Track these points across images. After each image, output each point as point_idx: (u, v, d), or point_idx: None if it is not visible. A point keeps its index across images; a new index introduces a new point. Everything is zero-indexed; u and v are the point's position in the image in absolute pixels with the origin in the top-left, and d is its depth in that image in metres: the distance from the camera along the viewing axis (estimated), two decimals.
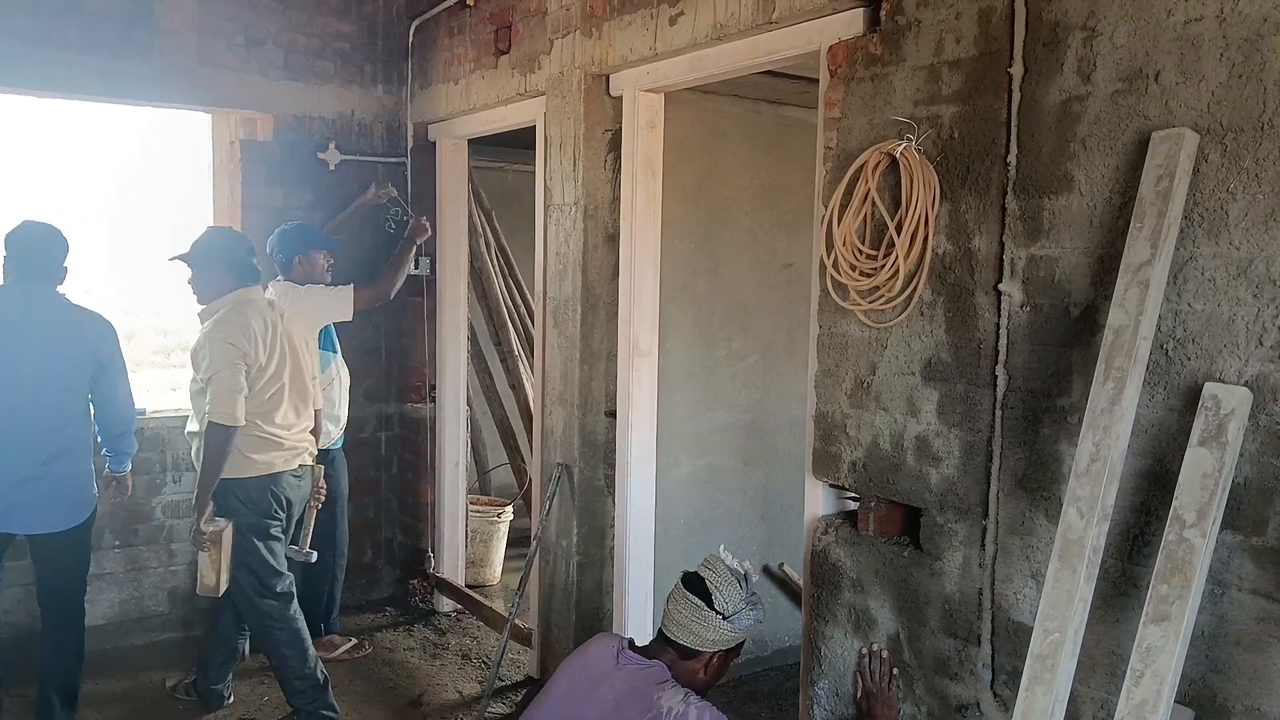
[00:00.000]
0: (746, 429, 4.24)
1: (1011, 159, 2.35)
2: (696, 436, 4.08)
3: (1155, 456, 2.12)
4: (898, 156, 2.52)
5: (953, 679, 2.54)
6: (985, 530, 2.45)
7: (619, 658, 2.28)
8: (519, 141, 4.58)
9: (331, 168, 4.81)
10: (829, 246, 2.73)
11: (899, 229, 2.53)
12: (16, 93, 4.26)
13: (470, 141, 4.94)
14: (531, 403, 5.09)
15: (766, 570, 4.33)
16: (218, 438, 3.39)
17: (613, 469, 3.82)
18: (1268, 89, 1.92)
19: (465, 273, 5.11)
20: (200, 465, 3.49)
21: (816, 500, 2.96)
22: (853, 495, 2.87)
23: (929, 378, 2.56)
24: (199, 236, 3.66)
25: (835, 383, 2.81)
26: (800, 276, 4.13)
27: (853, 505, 2.89)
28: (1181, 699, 2.02)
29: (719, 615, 2.26)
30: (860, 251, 2.66)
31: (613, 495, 3.84)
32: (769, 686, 4.17)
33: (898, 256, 2.54)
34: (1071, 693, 2.11)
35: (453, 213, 4.97)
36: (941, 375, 2.53)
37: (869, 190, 2.62)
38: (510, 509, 5.58)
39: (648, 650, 2.32)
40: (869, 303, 2.66)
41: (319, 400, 3.92)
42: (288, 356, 3.64)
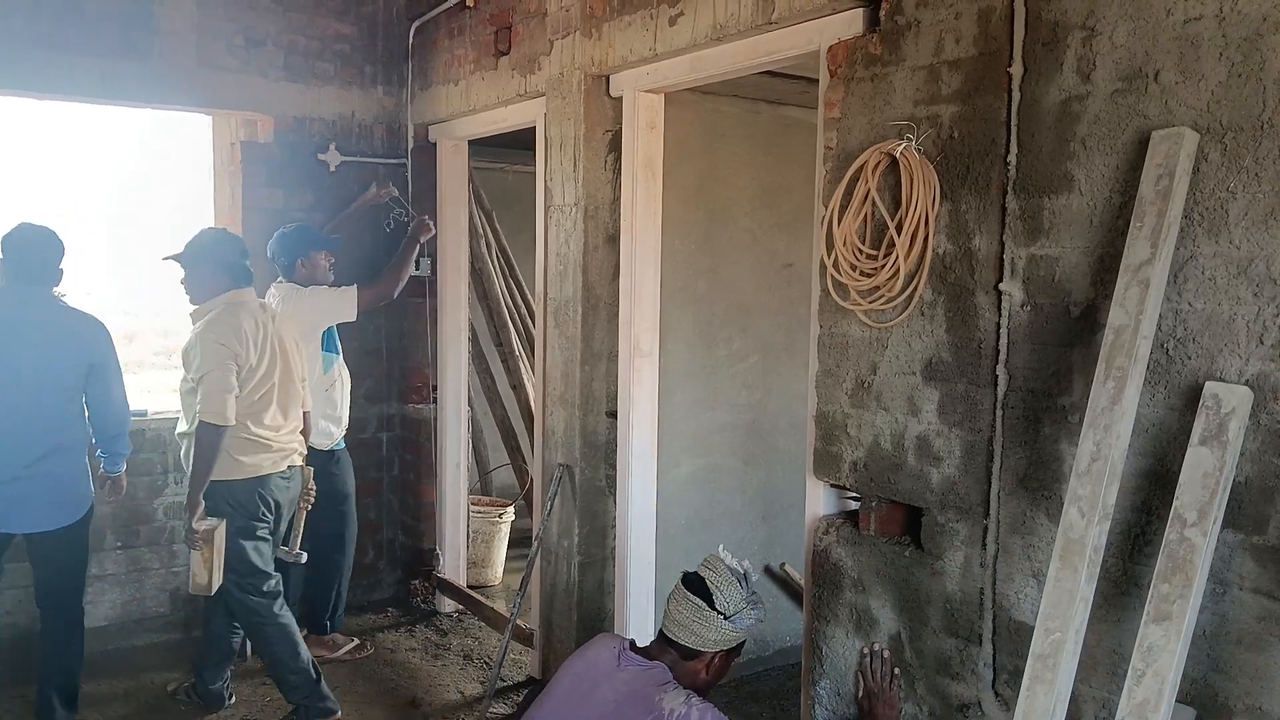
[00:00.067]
0: (747, 429, 4.24)
1: (1011, 159, 2.35)
2: (697, 436, 4.08)
3: (1156, 456, 2.12)
4: (898, 156, 2.53)
5: (954, 678, 2.54)
6: (986, 530, 2.45)
7: (620, 659, 2.28)
8: (519, 142, 4.58)
9: (332, 169, 4.81)
10: (829, 246, 2.73)
11: (899, 229, 2.53)
12: (17, 94, 4.27)
13: (470, 142, 4.94)
14: (533, 403, 5.09)
15: (768, 570, 4.34)
16: (209, 437, 3.43)
17: (614, 469, 3.82)
18: (1267, 88, 1.93)
19: (466, 273, 5.11)
20: (191, 465, 3.52)
21: (818, 500, 2.96)
22: (854, 495, 2.87)
23: (930, 377, 2.57)
24: (193, 237, 3.70)
25: (836, 382, 2.82)
26: (800, 276, 4.13)
27: (854, 505, 2.89)
28: (1183, 698, 2.02)
29: (720, 615, 2.26)
30: (860, 251, 2.66)
31: (614, 495, 3.84)
32: (771, 686, 4.18)
33: (898, 256, 2.54)
34: (1073, 692, 2.12)
35: (453, 214, 4.97)
36: (942, 375, 2.54)
37: (869, 190, 2.62)
38: (512, 509, 5.58)
39: (649, 651, 2.32)
40: (869, 302, 2.66)
41: (308, 402, 3.95)
42: (278, 358, 3.68)
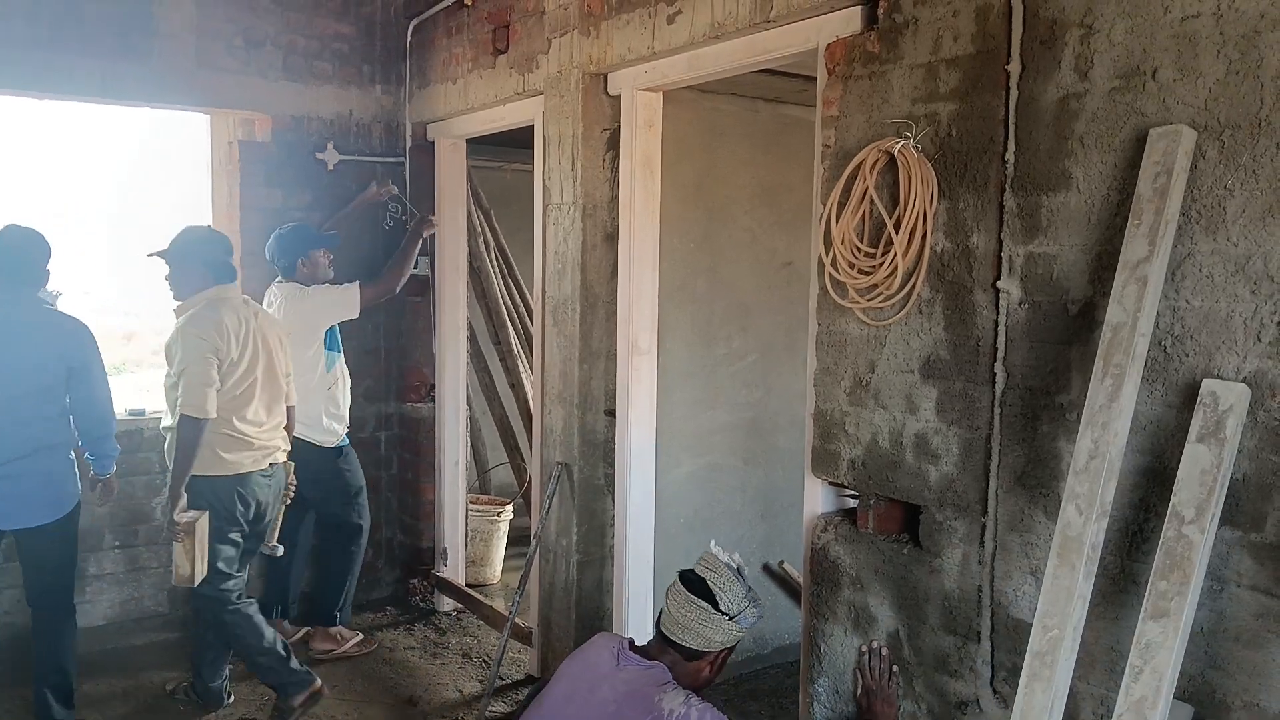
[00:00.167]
0: (746, 427, 4.24)
1: (1009, 156, 2.35)
2: (696, 435, 4.08)
3: (1154, 453, 2.12)
4: (896, 154, 2.53)
5: (952, 676, 2.54)
6: (984, 527, 2.45)
7: (619, 659, 2.28)
8: (517, 141, 4.58)
9: (330, 168, 4.81)
10: (827, 245, 2.73)
11: (897, 227, 2.53)
12: (17, 95, 4.27)
13: (469, 141, 4.94)
14: (531, 402, 5.09)
15: (766, 568, 4.34)
16: (189, 430, 3.48)
17: (612, 468, 3.83)
18: (1265, 85, 1.93)
19: (464, 272, 5.11)
20: (172, 458, 3.55)
21: (816, 498, 2.96)
22: (852, 493, 2.87)
23: (928, 375, 2.57)
24: (177, 234, 3.74)
25: (834, 381, 2.82)
26: (799, 275, 4.13)
27: (852, 503, 2.90)
28: (1181, 695, 2.03)
29: (725, 617, 2.25)
30: (859, 249, 2.66)
31: (612, 494, 3.84)
32: (769, 684, 4.18)
33: (896, 254, 2.54)
34: (1071, 689, 2.12)
35: (451, 212, 4.97)
36: (940, 373, 2.54)
37: (867, 188, 2.63)
38: (510, 508, 5.58)
39: (647, 651, 2.31)
40: (868, 301, 2.66)
41: (293, 397, 3.99)
42: (260, 353, 3.72)
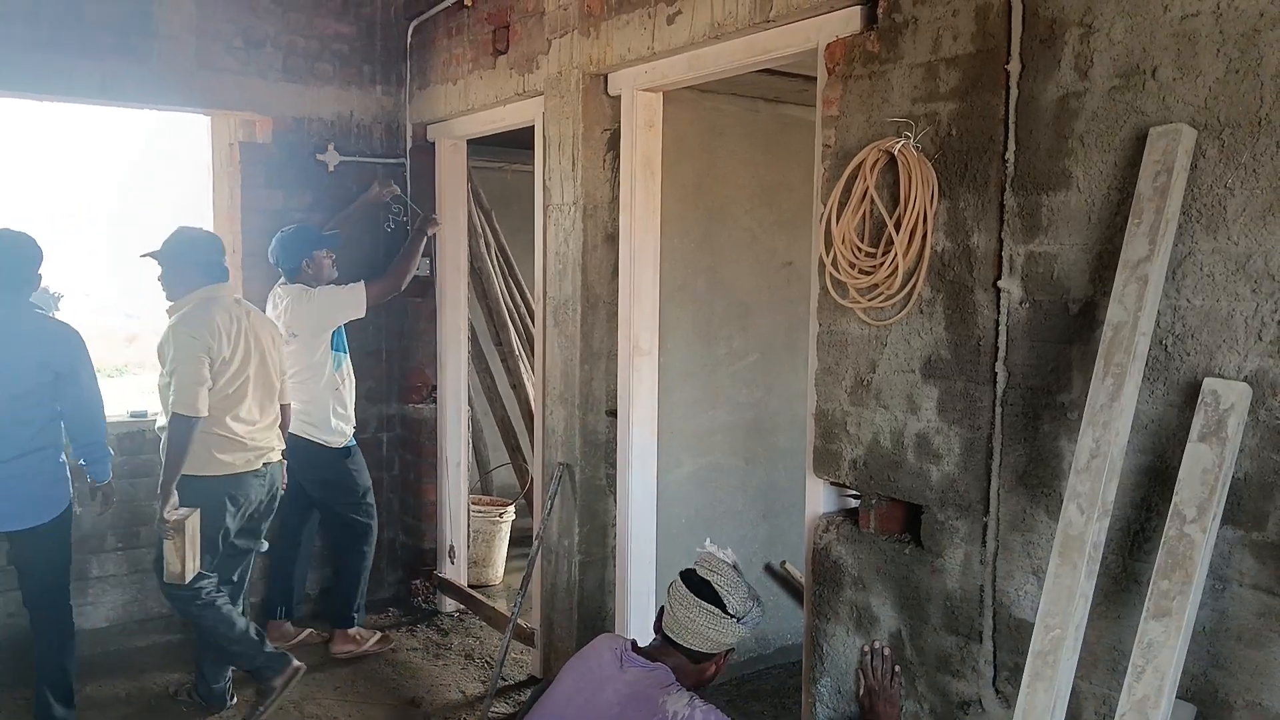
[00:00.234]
0: (747, 427, 4.24)
1: (1010, 156, 2.35)
2: (697, 435, 4.08)
3: (1155, 452, 2.12)
4: (896, 154, 2.53)
5: (955, 676, 2.54)
6: (986, 527, 2.45)
7: (622, 660, 2.28)
8: (518, 141, 4.58)
9: (331, 169, 4.81)
10: (828, 244, 2.73)
11: (898, 226, 2.53)
12: (17, 96, 4.28)
13: (469, 142, 4.94)
14: (532, 402, 5.09)
15: (769, 568, 4.34)
16: (181, 428, 3.52)
17: (614, 468, 3.83)
18: (1265, 84, 1.92)
19: (465, 273, 5.11)
20: (164, 456, 3.58)
21: (817, 498, 2.96)
22: (854, 493, 2.87)
23: (929, 375, 2.57)
24: (170, 235, 3.76)
25: (835, 380, 2.82)
26: (800, 275, 4.13)
27: (854, 503, 2.89)
28: (1183, 694, 2.03)
29: (733, 619, 2.25)
30: (859, 249, 2.66)
31: (614, 494, 3.84)
32: (772, 684, 4.18)
33: (897, 254, 2.54)
34: (1073, 689, 2.12)
35: (452, 213, 4.97)
36: (941, 372, 2.54)
37: (867, 188, 2.62)
38: (512, 509, 5.58)
39: (651, 653, 2.31)
40: (868, 300, 2.66)
41: (287, 395, 4.03)
42: (253, 352, 3.75)
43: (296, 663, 3.82)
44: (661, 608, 2.37)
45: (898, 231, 2.53)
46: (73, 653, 3.64)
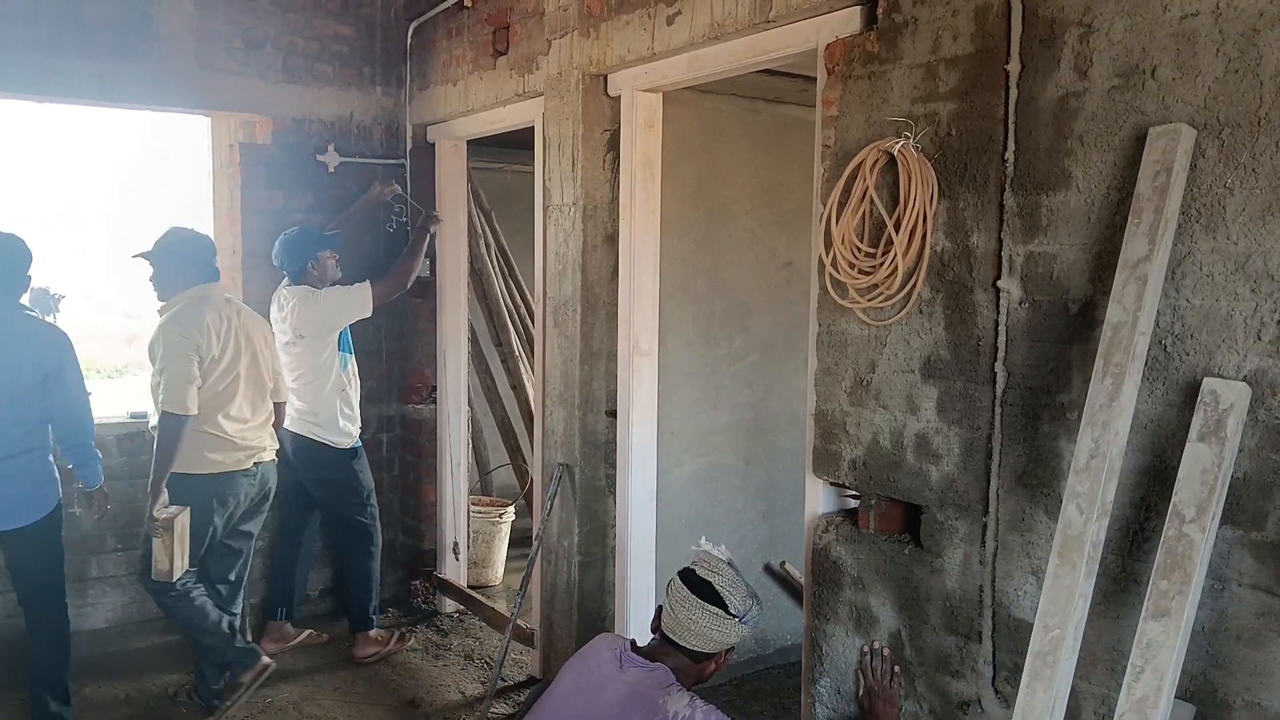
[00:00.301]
0: (747, 428, 4.24)
1: (1009, 156, 2.35)
2: (697, 435, 4.08)
3: (1154, 452, 2.12)
4: (895, 154, 2.53)
5: (954, 676, 2.54)
6: (985, 527, 2.45)
7: (622, 660, 2.28)
8: (518, 142, 4.58)
9: (331, 170, 4.81)
10: (828, 245, 2.73)
11: (897, 227, 2.53)
12: (17, 97, 4.27)
13: (469, 142, 4.94)
14: (532, 403, 5.09)
15: (768, 569, 4.34)
16: (170, 426, 3.56)
17: (614, 468, 3.83)
18: (1264, 83, 1.93)
19: (465, 274, 5.11)
20: (154, 454, 3.60)
21: (817, 498, 2.96)
22: (853, 493, 2.87)
23: (928, 375, 2.57)
24: (161, 235, 3.80)
25: (835, 381, 2.82)
26: (800, 275, 4.13)
27: (853, 503, 2.89)
28: (1182, 694, 2.03)
29: (735, 619, 2.25)
30: (859, 249, 2.66)
31: (614, 495, 3.84)
32: (771, 685, 4.18)
33: (896, 254, 2.54)
34: (1072, 689, 2.12)
35: (452, 214, 4.97)
36: (941, 372, 2.54)
37: (867, 188, 2.63)
38: (512, 509, 5.58)
39: (650, 653, 2.31)
40: (868, 300, 2.66)
41: (282, 393, 4.06)
42: (243, 350, 3.78)
43: (266, 659, 3.87)
44: (659, 607, 2.37)
45: (897, 231, 2.53)
46: (68, 652, 3.65)
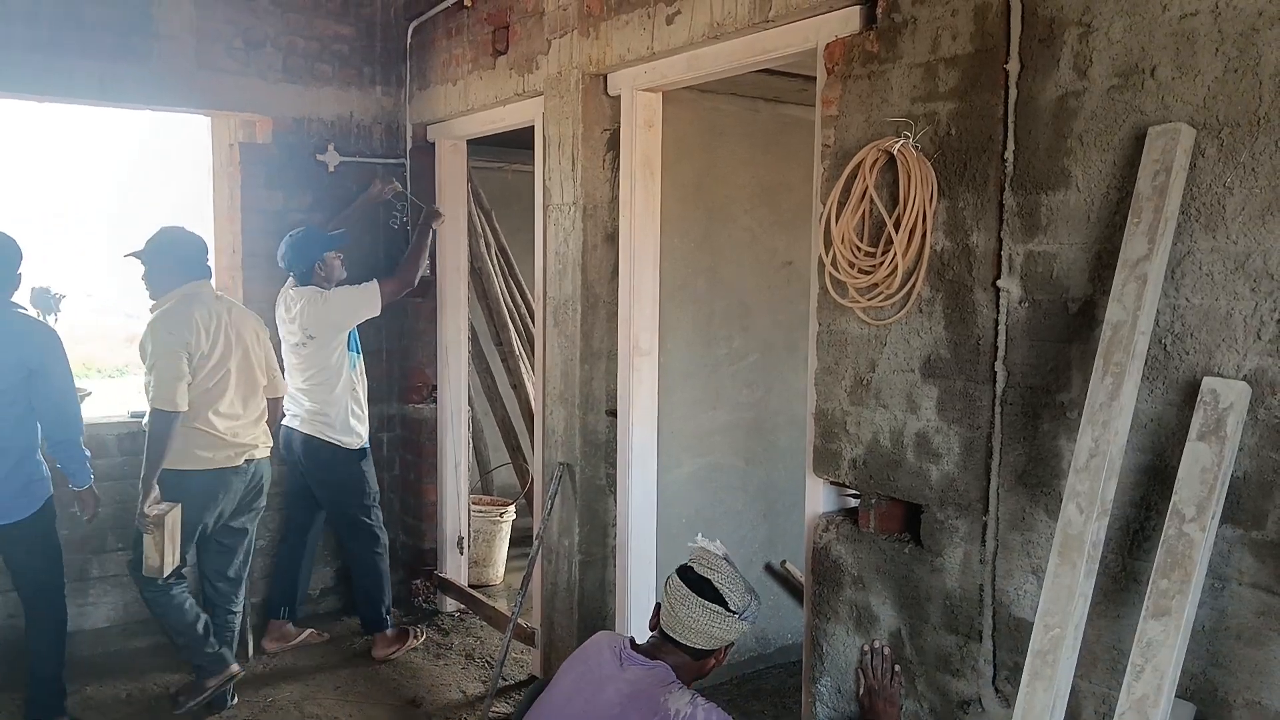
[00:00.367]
0: (747, 427, 4.24)
1: (1009, 155, 2.35)
2: (697, 435, 4.08)
3: (1154, 451, 2.12)
4: (895, 154, 2.53)
5: (954, 675, 2.55)
6: (986, 526, 2.45)
7: (622, 659, 2.28)
8: (518, 141, 4.58)
9: (331, 169, 4.81)
10: (828, 244, 2.73)
11: (897, 226, 2.53)
12: (17, 97, 4.28)
13: (469, 142, 4.95)
14: (533, 402, 5.09)
15: (769, 568, 4.34)
16: (160, 423, 3.58)
17: (614, 468, 3.83)
18: (1263, 83, 1.93)
19: (465, 273, 5.11)
20: (145, 451, 3.62)
21: (817, 498, 2.96)
22: (853, 492, 2.88)
23: (928, 374, 2.57)
24: (153, 234, 3.81)
25: (835, 380, 2.82)
26: (800, 274, 4.13)
27: (854, 502, 2.90)
28: (1182, 693, 2.03)
29: (736, 615, 2.26)
30: (859, 249, 2.67)
31: (614, 494, 3.85)
32: (772, 684, 4.18)
33: (896, 253, 2.54)
34: (1072, 688, 2.12)
35: (453, 213, 4.97)
36: (941, 372, 2.54)
37: (867, 188, 2.63)
38: (512, 508, 5.59)
39: (650, 650, 2.31)
40: (868, 300, 2.67)
41: (281, 389, 4.10)
42: (234, 347, 3.80)
43: (235, 667, 3.90)
44: (657, 604, 2.37)
45: (897, 231, 2.53)
46: (63, 649, 3.67)
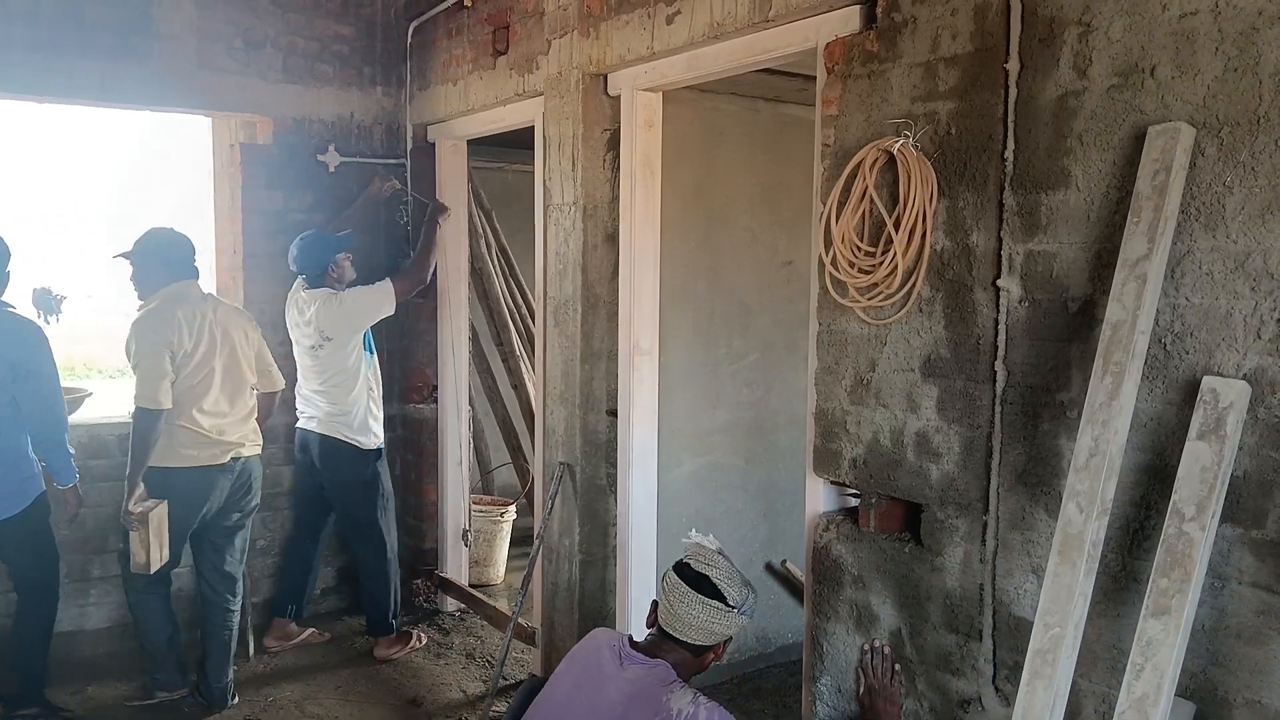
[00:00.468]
0: (748, 427, 4.24)
1: (1009, 155, 2.36)
2: (698, 435, 4.08)
3: (1154, 450, 2.13)
4: (895, 153, 2.53)
5: (954, 674, 2.55)
6: (986, 526, 2.45)
7: (622, 658, 2.28)
8: (518, 141, 4.58)
9: (331, 170, 4.82)
10: (828, 244, 2.73)
11: (897, 226, 2.54)
12: (17, 98, 4.28)
13: (469, 142, 4.95)
14: (533, 402, 5.09)
15: (769, 567, 4.34)
16: (144, 421, 3.61)
17: (614, 468, 3.83)
18: (1263, 82, 1.93)
19: (466, 273, 5.12)
20: (130, 449, 3.64)
21: (817, 497, 2.96)
22: (854, 492, 2.88)
23: (928, 374, 2.57)
24: (141, 235, 3.84)
25: (835, 380, 2.82)
26: (800, 274, 4.13)
27: (854, 502, 2.90)
28: (1182, 692, 2.03)
29: (735, 610, 2.26)
30: (859, 249, 2.67)
31: (615, 494, 3.85)
32: (772, 683, 4.18)
33: (896, 253, 2.54)
34: (1072, 687, 2.12)
35: (453, 213, 4.97)
36: (941, 371, 2.54)
37: (867, 187, 2.63)
38: (513, 508, 5.59)
39: (649, 648, 2.31)
40: (868, 300, 2.67)
41: (278, 384, 4.12)
42: (219, 344, 3.81)
43: (185, 690, 3.95)
44: (654, 602, 2.37)
45: (897, 230, 2.53)
46: (48, 645, 3.73)
